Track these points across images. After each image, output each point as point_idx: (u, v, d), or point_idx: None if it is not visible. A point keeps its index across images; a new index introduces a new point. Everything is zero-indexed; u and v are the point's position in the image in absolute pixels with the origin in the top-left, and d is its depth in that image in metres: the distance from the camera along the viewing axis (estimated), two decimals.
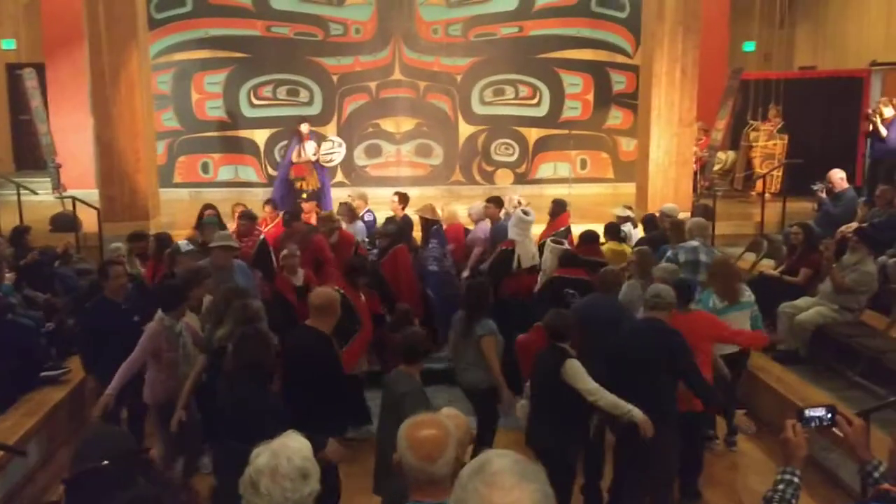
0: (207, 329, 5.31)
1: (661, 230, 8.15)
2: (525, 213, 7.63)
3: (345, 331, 5.61)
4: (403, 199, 8.98)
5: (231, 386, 3.99)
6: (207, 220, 7.96)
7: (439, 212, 8.45)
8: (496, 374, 5.37)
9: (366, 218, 9.20)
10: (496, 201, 8.54)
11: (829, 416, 2.67)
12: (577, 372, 4.58)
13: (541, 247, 7.65)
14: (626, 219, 8.80)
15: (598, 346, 4.88)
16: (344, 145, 11.60)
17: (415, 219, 8.61)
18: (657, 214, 8.75)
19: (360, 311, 6.24)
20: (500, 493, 1.55)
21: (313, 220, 8.83)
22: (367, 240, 8.68)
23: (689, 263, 6.73)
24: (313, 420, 4.03)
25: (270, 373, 4.10)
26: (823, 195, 9.00)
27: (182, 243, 6.84)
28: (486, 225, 8.50)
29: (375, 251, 8.31)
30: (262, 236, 8.04)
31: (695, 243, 6.93)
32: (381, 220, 9.07)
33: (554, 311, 4.89)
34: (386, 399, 4.40)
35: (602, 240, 7.81)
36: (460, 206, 9.33)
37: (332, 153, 11.42)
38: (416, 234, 8.66)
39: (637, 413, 4.48)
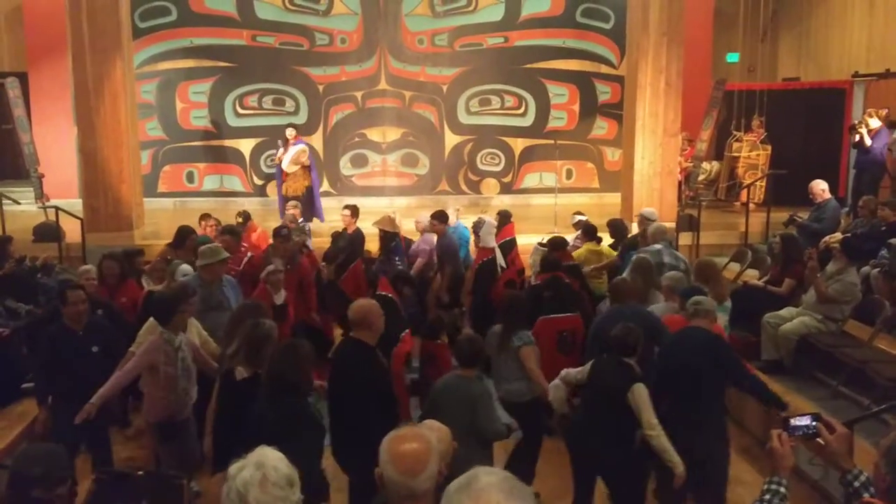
0: (224, 350, 5.17)
1: (634, 235, 8.31)
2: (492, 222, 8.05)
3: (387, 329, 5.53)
4: (355, 213, 8.87)
5: (268, 402, 3.94)
6: (202, 239, 7.61)
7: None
8: (539, 382, 5.32)
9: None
10: (441, 217, 8.40)
11: (815, 424, 2.66)
12: (643, 400, 4.51)
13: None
14: (581, 223, 8.92)
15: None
16: (296, 147, 11.14)
17: (371, 231, 8.58)
18: (622, 219, 8.98)
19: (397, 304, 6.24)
20: None
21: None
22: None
23: (654, 266, 6.84)
24: (360, 431, 3.97)
25: (306, 386, 4.03)
26: (799, 219, 9.12)
27: (183, 268, 6.51)
28: (432, 237, 8.48)
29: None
30: (249, 254, 7.91)
31: (658, 246, 7.23)
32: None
33: (623, 325, 4.79)
34: (447, 404, 4.36)
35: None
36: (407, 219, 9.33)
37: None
38: (370, 245, 8.67)
39: (680, 469, 4.46)
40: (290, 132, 11.09)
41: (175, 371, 5.09)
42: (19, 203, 10.94)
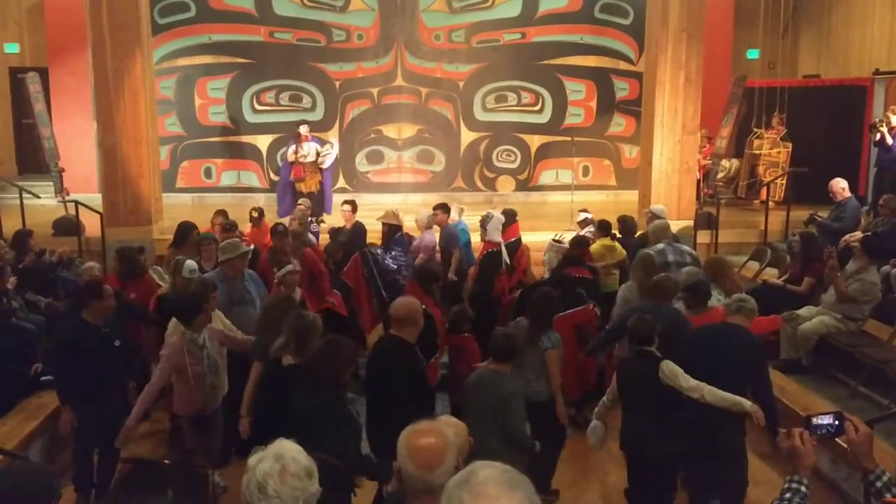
0: (259, 339, 5.21)
1: (644, 233, 8.33)
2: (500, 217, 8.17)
3: (426, 340, 5.45)
4: (355, 208, 9.02)
5: (306, 395, 4.00)
6: (204, 236, 7.62)
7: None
8: (556, 387, 5.34)
9: (312, 229, 9.21)
10: (444, 208, 8.60)
11: (837, 423, 2.63)
12: (674, 371, 4.55)
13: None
14: (587, 221, 8.90)
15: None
16: (336, 145, 11.48)
17: (374, 227, 8.67)
18: (631, 216, 8.98)
19: (435, 317, 6.22)
20: (486, 503, 1.53)
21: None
22: None
23: (660, 265, 6.89)
24: (397, 429, 4.02)
25: (344, 381, 4.09)
26: (819, 219, 9.03)
27: (189, 264, 6.41)
28: (433, 233, 8.57)
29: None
30: (252, 247, 7.91)
31: (661, 246, 7.27)
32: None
33: (637, 317, 4.86)
34: (481, 400, 4.40)
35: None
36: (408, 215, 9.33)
37: (325, 154, 11.37)
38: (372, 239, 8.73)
39: (747, 403, 4.49)
40: (304, 129, 11.14)
41: (202, 369, 5.13)
42: (39, 197, 11.02)
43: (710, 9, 10.92)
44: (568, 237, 8.70)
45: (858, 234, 8.22)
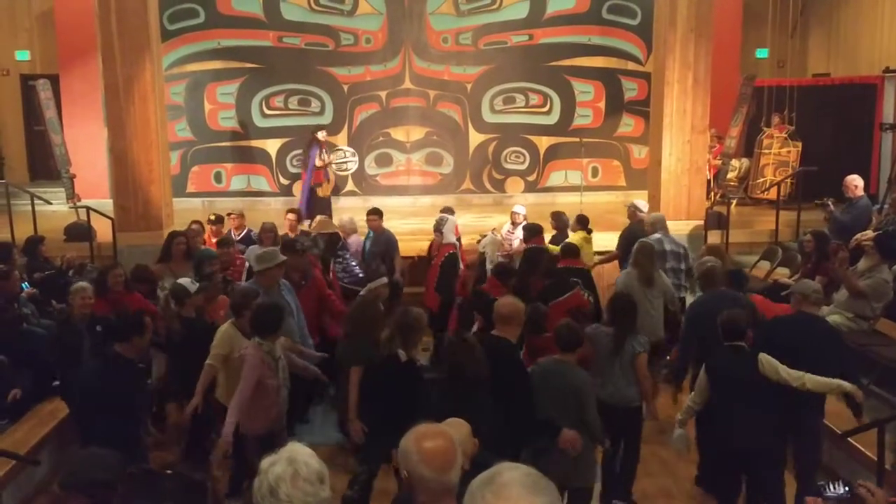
0: (352, 345, 5.12)
1: (635, 225, 8.46)
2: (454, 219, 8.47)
3: None
4: (300, 217, 9.38)
5: (446, 393, 4.07)
6: (201, 252, 7.57)
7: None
8: (648, 392, 5.33)
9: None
10: (378, 212, 8.83)
11: (847, 489, 2.83)
12: (773, 364, 4.61)
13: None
14: (523, 217, 9.14)
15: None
16: (356, 155, 11.67)
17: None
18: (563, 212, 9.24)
19: None
20: None
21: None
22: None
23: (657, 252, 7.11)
24: (498, 426, 4.03)
25: (478, 378, 4.12)
26: (832, 208, 8.96)
27: (186, 282, 6.16)
28: (359, 237, 8.75)
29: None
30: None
31: (657, 235, 7.62)
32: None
33: (728, 312, 4.89)
34: (551, 389, 4.48)
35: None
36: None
37: (345, 162, 11.53)
38: None
39: (846, 384, 4.61)
40: (322, 134, 11.26)
41: (277, 382, 5.03)
42: (51, 203, 11.11)
43: (718, 8, 10.88)
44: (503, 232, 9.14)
45: (870, 233, 8.17)
